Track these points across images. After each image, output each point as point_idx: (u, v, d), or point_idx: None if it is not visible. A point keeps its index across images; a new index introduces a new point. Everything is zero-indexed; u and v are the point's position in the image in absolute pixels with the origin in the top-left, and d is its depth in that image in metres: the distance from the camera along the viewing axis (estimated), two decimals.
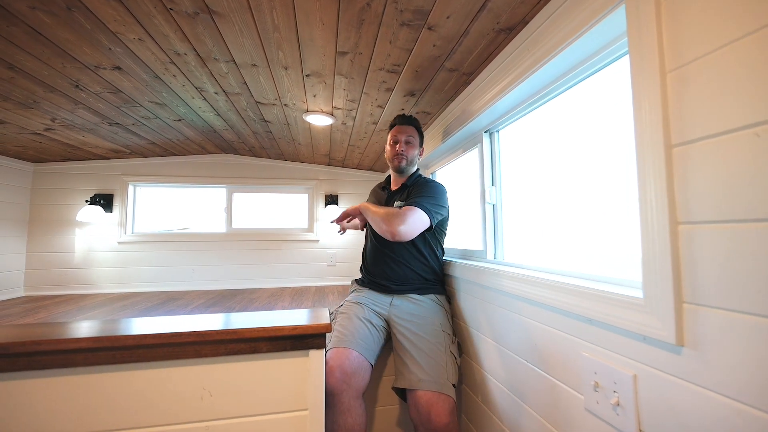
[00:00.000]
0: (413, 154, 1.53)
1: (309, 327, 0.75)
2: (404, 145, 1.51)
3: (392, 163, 1.54)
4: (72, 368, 0.67)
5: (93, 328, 0.72)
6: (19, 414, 0.64)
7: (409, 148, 1.52)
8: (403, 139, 1.51)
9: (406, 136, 1.52)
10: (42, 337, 0.64)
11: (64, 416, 0.66)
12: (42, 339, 0.64)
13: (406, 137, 1.52)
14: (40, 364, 0.65)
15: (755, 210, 0.49)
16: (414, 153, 1.54)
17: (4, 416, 0.63)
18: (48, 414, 0.66)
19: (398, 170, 1.54)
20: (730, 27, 0.52)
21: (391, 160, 1.55)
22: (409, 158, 1.52)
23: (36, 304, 2.34)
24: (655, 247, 0.61)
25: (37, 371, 0.65)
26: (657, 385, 0.62)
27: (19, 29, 1.15)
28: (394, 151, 1.52)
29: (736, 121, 0.51)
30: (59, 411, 0.66)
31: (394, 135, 1.54)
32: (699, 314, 0.55)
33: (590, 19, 0.79)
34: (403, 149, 1.51)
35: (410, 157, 1.52)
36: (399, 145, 1.51)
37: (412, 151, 1.53)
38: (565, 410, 0.85)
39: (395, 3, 1.01)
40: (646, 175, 0.63)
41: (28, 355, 0.64)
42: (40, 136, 2.23)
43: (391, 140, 1.55)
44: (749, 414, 0.49)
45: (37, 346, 0.64)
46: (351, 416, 1.16)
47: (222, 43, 1.24)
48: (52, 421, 0.66)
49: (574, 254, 1.09)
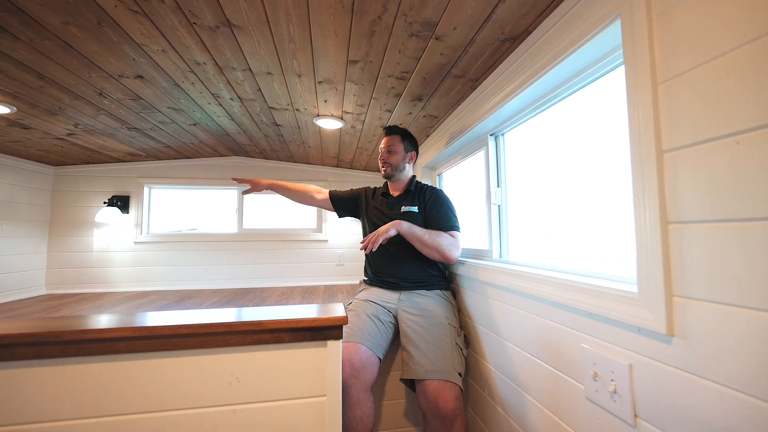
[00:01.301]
0: (397, 160, 1.64)
1: (327, 319, 0.81)
2: (386, 154, 1.64)
3: (381, 172, 1.68)
4: (113, 355, 0.73)
5: (131, 319, 0.79)
6: (66, 395, 0.71)
7: (390, 156, 1.64)
8: (385, 149, 1.65)
9: (388, 146, 1.64)
10: (88, 327, 0.71)
11: (105, 398, 0.73)
12: (88, 328, 0.71)
13: (388, 146, 1.64)
14: (86, 351, 0.72)
15: (736, 211, 0.54)
16: (397, 159, 1.64)
17: (56, 396, 0.71)
18: (91, 396, 0.73)
19: (386, 177, 1.68)
20: (714, 44, 0.57)
21: (380, 169, 1.68)
22: (393, 165, 1.64)
23: (58, 302, 2.43)
24: (648, 244, 0.66)
25: (83, 357, 0.72)
26: (650, 373, 0.68)
27: (52, 43, 1.22)
28: (379, 161, 1.67)
29: (719, 130, 0.56)
30: (102, 394, 0.73)
31: (381, 146, 1.68)
32: (688, 306, 0.61)
33: (589, 32, 0.84)
34: (385, 158, 1.64)
35: (394, 163, 1.64)
36: (381, 154, 1.65)
37: (394, 157, 1.64)
38: (566, 399, 0.91)
39: (405, 16, 1.06)
40: (640, 178, 0.69)
41: (76, 342, 0.71)
42: (62, 141, 2.32)
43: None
44: (734, 397, 0.54)
45: (83, 334, 0.71)
46: (360, 409, 1.22)
47: (240, 54, 1.31)
48: (94, 402, 0.73)
49: (575, 252, 1.14)
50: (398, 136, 1.66)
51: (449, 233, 1.48)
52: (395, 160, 1.63)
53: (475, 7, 1.01)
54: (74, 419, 0.72)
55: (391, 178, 1.67)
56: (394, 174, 1.65)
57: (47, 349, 0.70)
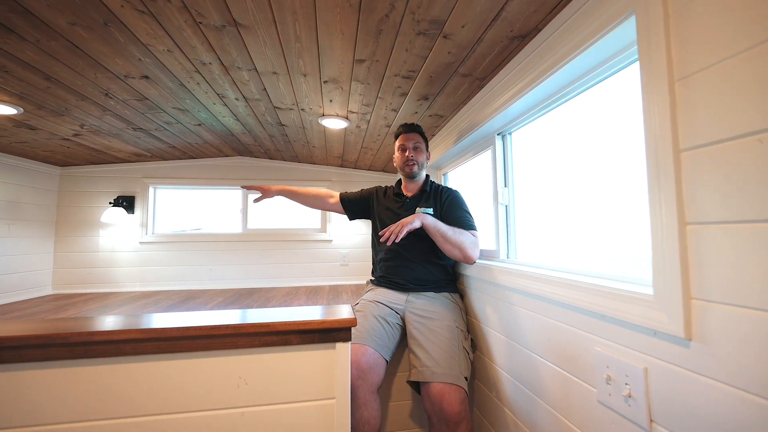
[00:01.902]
0: (422, 158, 1.62)
1: (335, 321, 0.80)
2: (413, 151, 1.60)
3: (404, 170, 1.63)
4: (120, 357, 0.73)
5: (138, 320, 0.78)
6: (73, 397, 0.71)
7: (418, 154, 1.60)
8: (411, 146, 1.60)
9: (414, 143, 1.60)
10: (95, 328, 0.71)
11: (112, 401, 0.72)
12: (96, 330, 0.70)
13: (414, 143, 1.60)
14: (93, 353, 0.71)
15: (759, 211, 0.52)
16: (423, 158, 1.62)
17: (62, 398, 0.70)
18: (97, 398, 0.72)
19: (411, 175, 1.62)
20: (734, 40, 0.55)
21: (402, 167, 1.63)
22: (419, 163, 1.60)
23: (64, 302, 2.44)
24: (665, 246, 0.65)
25: (90, 359, 0.72)
26: (667, 377, 0.66)
27: (58, 43, 1.22)
28: (404, 158, 1.60)
29: (741, 128, 0.54)
30: (108, 396, 0.72)
31: (402, 143, 1.62)
32: (707, 309, 0.59)
33: (601, 29, 0.83)
34: (413, 155, 1.59)
35: (420, 161, 1.61)
36: (408, 152, 1.59)
37: (421, 156, 1.61)
38: (578, 403, 0.89)
39: (413, 14, 1.05)
40: (656, 178, 0.67)
41: (84, 344, 0.70)
42: (68, 141, 2.33)
43: (399, 148, 1.63)
44: (755, 403, 0.53)
45: (91, 336, 0.70)
46: (367, 410, 1.21)
47: (245, 53, 1.30)
48: (100, 405, 0.72)
49: (586, 253, 1.12)
50: (419, 134, 1.64)
51: (470, 233, 1.45)
52: (422, 158, 1.61)
53: (484, 5, 1.00)
54: (80, 422, 0.71)
55: (415, 177, 1.63)
56: (419, 172, 1.63)
57: (53, 351, 0.69)
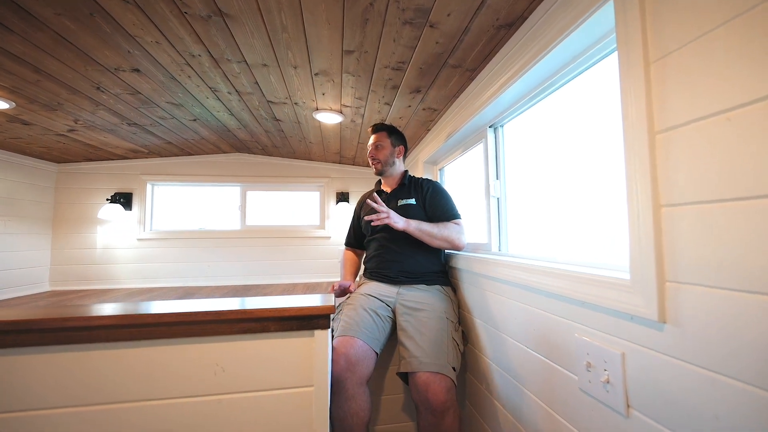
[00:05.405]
0: (385, 155, 1.65)
1: (314, 308, 0.79)
2: (375, 150, 1.66)
3: (373, 170, 1.70)
4: (96, 344, 0.73)
5: (116, 308, 0.78)
6: (48, 384, 0.71)
7: (379, 152, 1.65)
8: (373, 146, 1.66)
9: (376, 143, 1.66)
10: (71, 314, 0.71)
11: (88, 388, 0.72)
12: (70, 316, 0.70)
13: (377, 143, 1.66)
14: (69, 339, 0.71)
15: (727, 190, 0.51)
16: (386, 154, 1.65)
17: (34, 386, 0.70)
18: (73, 385, 0.72)
19: (378, 173, 1.69)
20: (706, 18, 0.54)
21: (371, 167, 1.70)
22: (382, 160, 1.65)
23: (61, 298, 2.45)
24: (640, 229, 0.64)
25: (65, 345, 0.72)
26: (643, 361, 0.65)
27: (45, 35, 1.23)
28: (369, 159, 1.69)
29: (711, 108, 0.53)
30: (83, 383, 0.72)
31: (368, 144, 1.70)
32: (680, 292, 0.58)
33: (583, 14, 0.82)
34: (374, 154, 1.65)
35: (383, 159, 1.65)
36: (371, 152, 1.67)
37: (382, 153, 1.65)
38: (560, 392, 0.88)
39: (397, 2, 1.05)
40: (632, 161, 0.66)
41: (57, 330, 0.70)
42: (63, 137, 2.34)
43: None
44: (723, 382, 0.52)
45: (65, 322, 0.70)
46: (355, 402, 1.21)
47: (234, 44, 1.30)
48: (76, 391, 0.72)
49: (575, 244, 1.11)
50: (384, 132, 1.67)
51: (453, 222, 1.51)
52: (383, 155, 1.65)
53: None
54: (54, 408, 0.71)
55: (383, 173, 1.69)
56: (385, 169, 1.67)
57: (26, 336, 0.69)
